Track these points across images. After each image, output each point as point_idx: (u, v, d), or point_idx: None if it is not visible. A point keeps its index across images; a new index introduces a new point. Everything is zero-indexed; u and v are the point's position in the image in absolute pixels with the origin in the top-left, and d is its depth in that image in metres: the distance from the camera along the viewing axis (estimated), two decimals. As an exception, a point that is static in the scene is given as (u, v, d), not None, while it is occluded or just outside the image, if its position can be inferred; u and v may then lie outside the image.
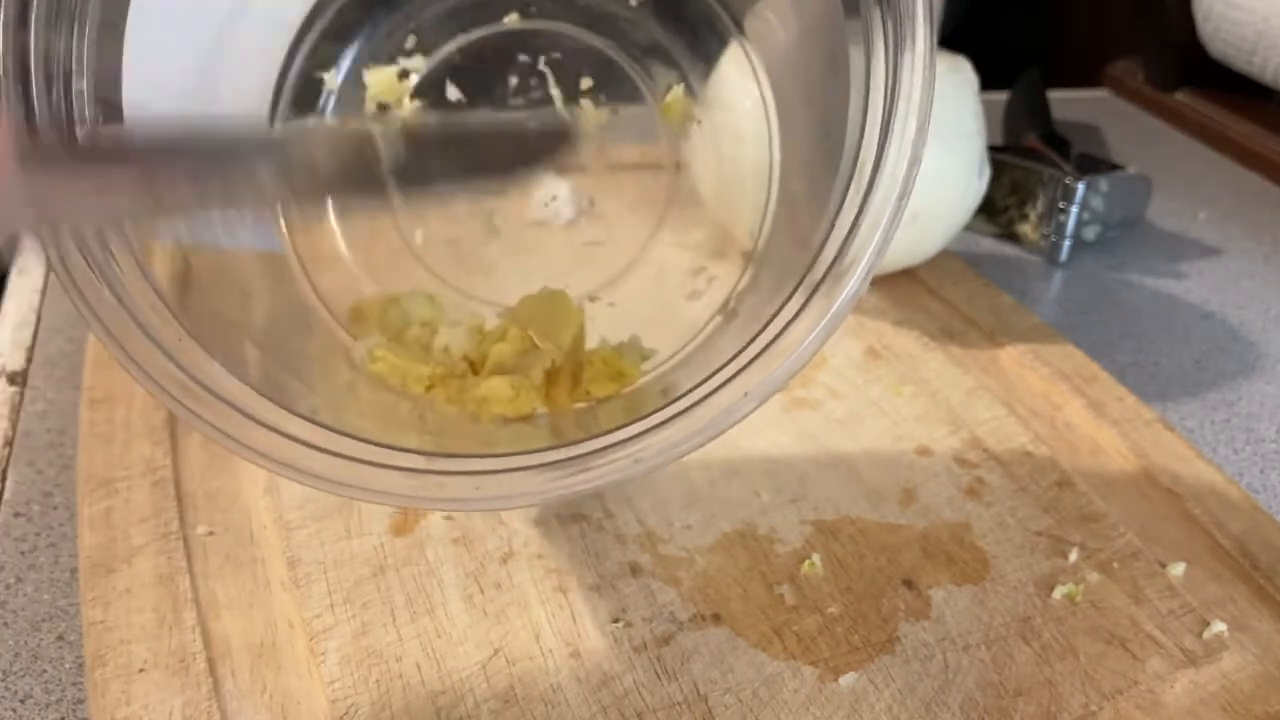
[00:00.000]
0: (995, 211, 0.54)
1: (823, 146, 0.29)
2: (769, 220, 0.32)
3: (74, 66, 0.24)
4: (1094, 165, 0.52)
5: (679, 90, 0.33)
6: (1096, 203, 0.52)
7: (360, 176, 0.27)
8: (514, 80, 0.33)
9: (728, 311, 0.32)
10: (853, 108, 0.25)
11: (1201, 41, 0.67)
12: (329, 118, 0.32)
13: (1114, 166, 0.53)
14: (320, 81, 0.32)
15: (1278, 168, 0.63)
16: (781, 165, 0.32)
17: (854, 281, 0.23)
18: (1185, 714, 0.28)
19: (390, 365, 0.30)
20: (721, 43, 0.33)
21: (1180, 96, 0.71)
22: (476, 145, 0.29)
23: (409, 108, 0.33)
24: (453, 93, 0.33)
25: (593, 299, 0.34)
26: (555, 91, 0.33)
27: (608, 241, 0.34)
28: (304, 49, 0.32)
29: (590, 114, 0.33)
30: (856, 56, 0.25)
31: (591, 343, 0.32)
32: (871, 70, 0.24)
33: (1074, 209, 0.51)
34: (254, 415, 0.23)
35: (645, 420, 0.24)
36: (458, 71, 0.33)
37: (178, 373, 0.23)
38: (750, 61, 0.32)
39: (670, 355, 0.32)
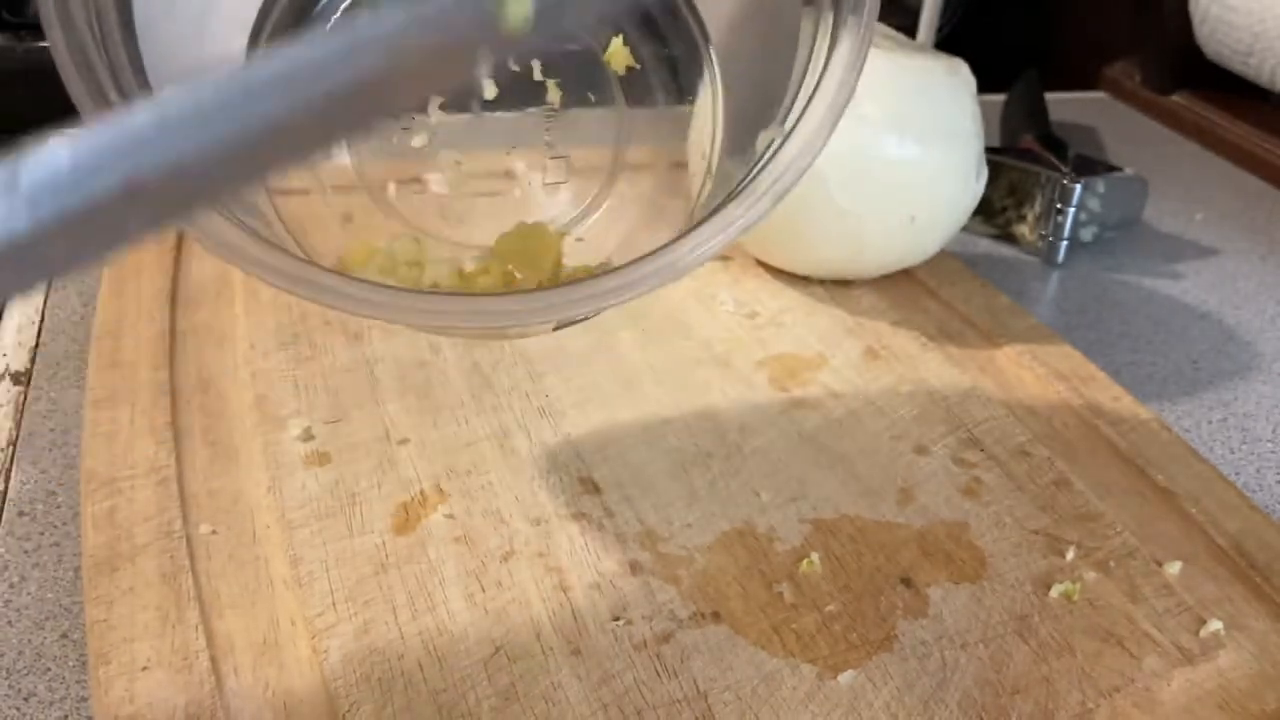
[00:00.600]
0: (993, 212, 0.54)
1: (761, 88, 0.32)
2: (718, 138, 0.34)
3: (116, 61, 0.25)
4: (1091, 166, 0.53)
5: (618, 41, 0.34)
6: (1093, 204, 0.52)
7: None
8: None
9: (692, 222, 0.34)
10: (797, 61, 0.29)
11: (1198, 43, 0.67)
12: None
13: (1111, 168, 0.53)
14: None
15: (1274, 169, 0.63)
16: (724, 98, 0.34)
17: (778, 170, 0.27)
18: (1182, 712, 0.28)
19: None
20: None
21: (1177, 98, 0.71)
22: None
23: None
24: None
25: (562, 236, 0.35)
26: (512, 65, 0.34)
27: (570, 180, 0.35)
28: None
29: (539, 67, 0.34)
30: (806, 22, 0.29)
31: (568, 270, 0.34)
32: (817, 34, 0.28)
33: (1071, 210, 0.51)
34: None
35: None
36: None
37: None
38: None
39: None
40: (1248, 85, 0.66)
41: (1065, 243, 0.52)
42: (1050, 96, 0.65)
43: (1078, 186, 0.51)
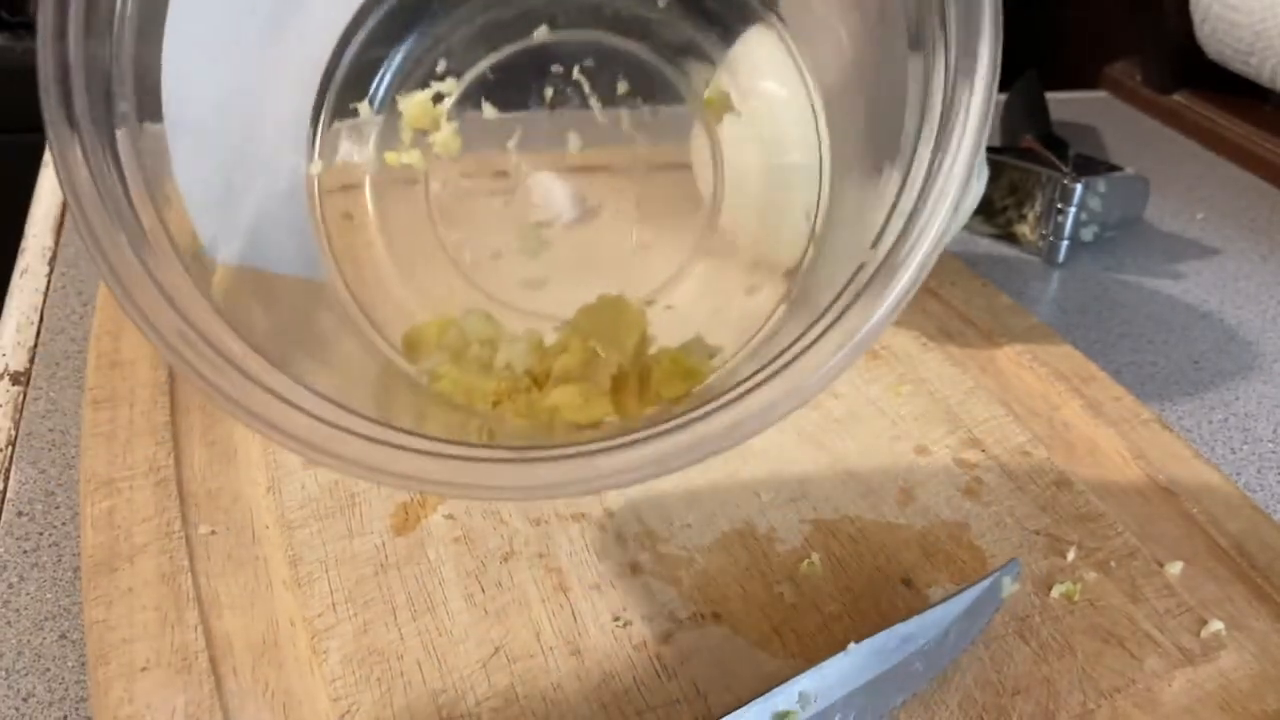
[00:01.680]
0: (993, 212, 0.54)
1: (870, 141, 0.29)
2: (824, 201, 0.31)
3: (114, 73, 0.24)
4: (1092, 166, 0.53)
5: (718, 84, 0.33)
6: (1094, 203, 0.52)
7: None
8: (549, 91, 0.33)
9: (790, 300, 0.32)
10: (909, 112, 0.25)
11: (1199, 43, 0.67)
12: (370, 149, 0.32)
13: (1112, 167, 0.53)
14: (356, 113, 0.32)
15: (1275, 168, 0.63)
16: (830, 150, 0.31)
17: (911, 270, 0.23)
18: (1183, 712, 0.28)
19: (454, 382, 0.30)
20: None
21: (1178, 97, 0.71)
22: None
23: (446, 130, 0.33)
24: (489, 111, 0.33)
25: (650, 303, 0.33)
26: (592, 99, 0.33)
27: (656, 244, 0.34)
28: (336, 81, 0.32)
29: (627, 118, 0.33)
30: (915, 67, 0.25)
31: (654, 349, 0.32)
32: (930, 86, 0.25)
33: (1072, 210, 0.51)
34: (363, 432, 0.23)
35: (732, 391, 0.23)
36: (492, 89, 0.33)
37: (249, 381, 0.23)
38: (788, 46, 0.32)
39: (736, 351, 0.31)
40: (1249, 85, 0.65)
41: (1066, 242, 0.52)
42: (1051, 96, 0.65)
43: (1078, 186, 0.51)
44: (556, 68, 0.33)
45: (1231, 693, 0.29)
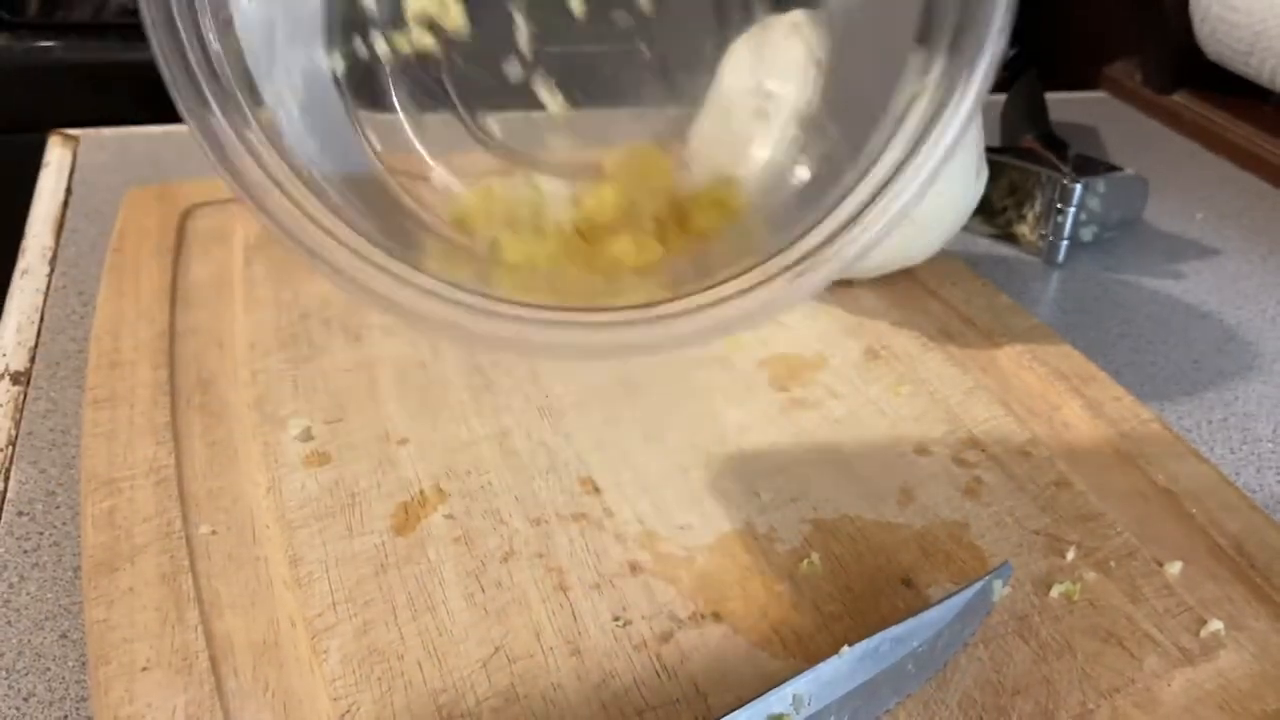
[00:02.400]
0: (993, 212, 0.54)
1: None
2: (823, 41, 0.34)
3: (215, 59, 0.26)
4: (1091, 166, 0.53)
5: None
6: (1094, 203, 0.52)
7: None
8: None
9: (801, 121, 0.34)
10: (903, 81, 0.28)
11: (1199, 43, 0.67)
12: (378, 40, 0.33)
13: (1111, 167, 0.53)
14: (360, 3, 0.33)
15: (1274, 168, 0.63)
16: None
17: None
18: (1182, 712, 0.28)
19: (516, 249, 0.32)
20: None
21: (1177, 98, 0.71)
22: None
23: (453, 9, 0.33)
24: None
25: (669, 143, 0.35)
26: None
27: (671, 85, 0.36)
28: None
29: None
30: (914, 64, 0.28)
31: (682, 188, 0.34)
32: (922, 83, 0.28)
33: (1071, 210, 0.51)
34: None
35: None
36: None
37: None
38: None
39: (755, 177, 0.34)
40: (1248, 85, 0.66)
41: (1066, 242, 0.52)
42: (1050, 96, 0.65)
43: (1078, 186, 0.51)
44: None
45: (1231, 692, 0.29)
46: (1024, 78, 0.65)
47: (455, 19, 0.33)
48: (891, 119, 0.28)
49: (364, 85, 0.33)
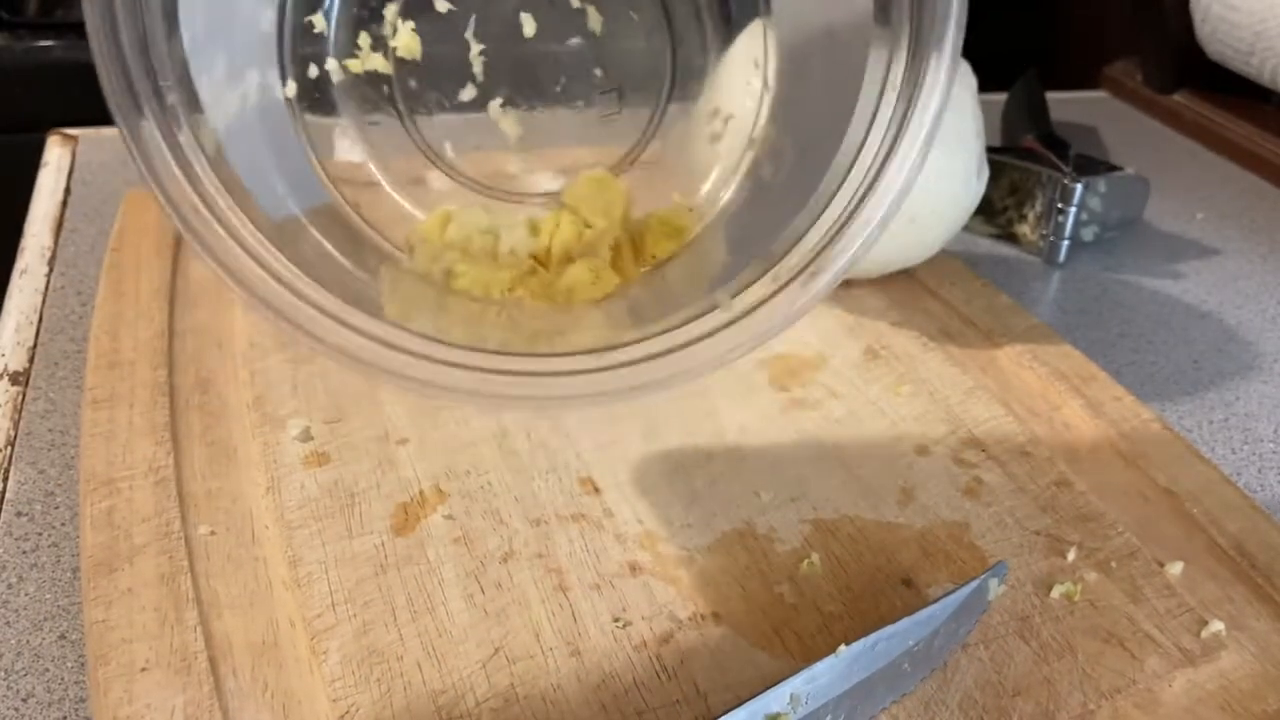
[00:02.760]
0: (993, 212, 0.54)
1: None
2: (771, 53, 0.34)
3: (154, 64, 0.26)
4: (1092, 166, 0.53)
5: None
6: (1094, 203, 0.52)
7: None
8: None
9: (752, 144, 0.34)
10: (865, 91, 0.29)
11: (1199, 43, 0.67)
12: (330, 61, 0.33)
13: (1112, 167, 0.53)
14: (313, 27, 0.33)
15: (1275, 168, 0.63)
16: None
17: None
18: (1183, 713, 0.28)
19: (472, 278, 0.32)
20: None
21: (1178, 97, 0.71)
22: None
23: (402, 30, 0.33)
24: (442, 4, 0.33)
25: (623, 170, 0.35)
26: None
27: (623, 110, 0.36)
28: None
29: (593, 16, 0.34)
30: (877, 55, 0.28)
31: (637, 213, 0.34)
32: (890, 72, 0.28)
33: (1072, 210, 0.51)
34: (440, 356, 0.27)
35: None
36: None
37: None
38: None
39: (713, 202, 0.34)
40: (1249, 85, 0.65)
41: (1066, 242, 0.52)
42: (1051, 96, 0.65)
43: (1078, 186, 0.51)
44: None
45: (1232, 693, 0.28)
46: (1024, 78, 0.65)
47: (408, 43, 0.33)
48: (863, 115, 0.28)
49: (315, 104, 0.34)
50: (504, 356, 0.28)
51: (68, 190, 0.52)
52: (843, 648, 0.27)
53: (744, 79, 0.34)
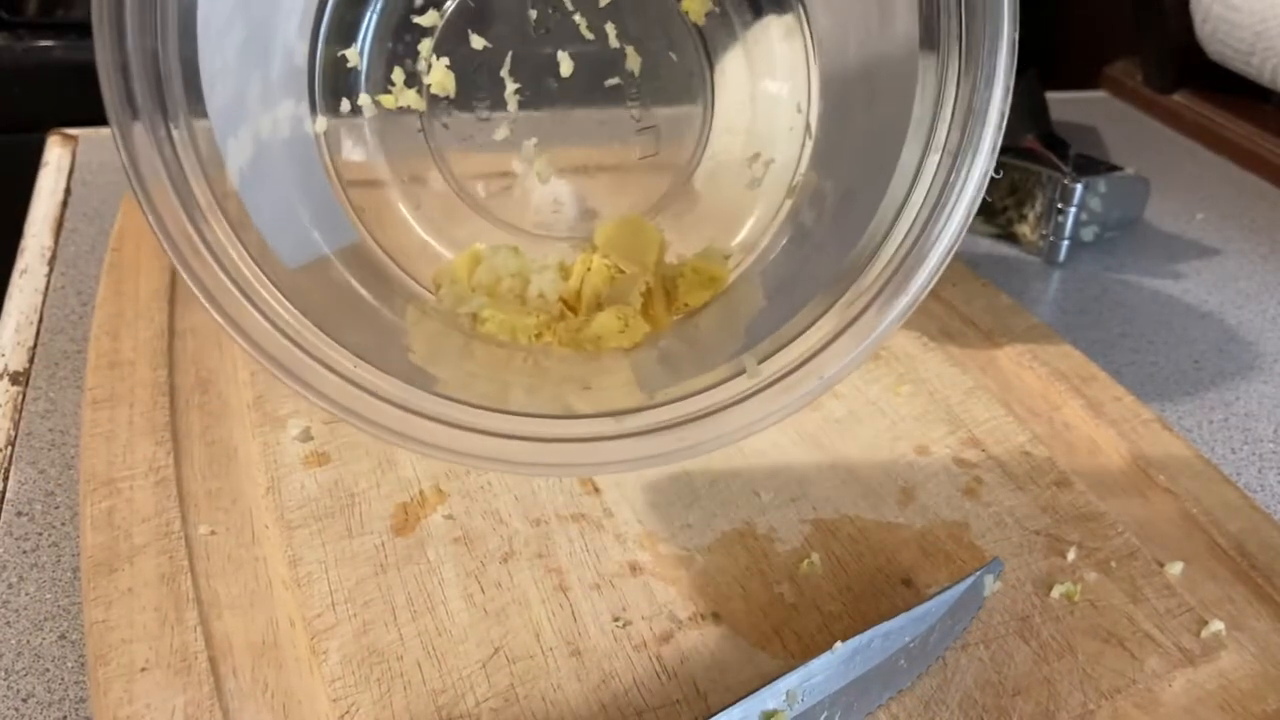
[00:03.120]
0: (994, 212, 0.54)
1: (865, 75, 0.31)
2: (814, 94, 0.33)
3: (163, 69, 0.26)
4: (1092, 166, 0.53)
5: None
6: (1094, 203, 0.52)
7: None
8: (533, 14, 0.33)
9: (792, 191, 0.33)
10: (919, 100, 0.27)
11: (1199, 43, 0.67)
12: (363, 96, 0.33)
13: (1112, 167, 0.53)
14: (346, 61, 0.32)
15: (1275, 168, 0.63)
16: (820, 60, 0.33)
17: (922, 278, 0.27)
18: (1183, 713, 0.28)
19: (499, 322, 0.32)
20: None
21: (1178, 97, 0.71)
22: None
23: (436, 66, 0.33)
24: (477, 41, 0.33)
25: (658, 214, 0.34)
26: (577, 17, 0.33)
27: (660, 153, 0.35)
28: (323, 31, 0.32)
29: (613, 32, 0.33)
30: (924, 96, 0.27)
31: (672, 255, 0.33)
32: (939, 111, 0.27)
33: (1072, 210, 0.51)
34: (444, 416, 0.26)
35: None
36: (475, 18, 0.33)
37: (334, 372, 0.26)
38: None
39: (750, 249, 0.33)
40: (1249, 85, 0.65)
41: (1066, 242, 0.52)
42: (1051, 96, 0.64)
43: (1079, 186, 0.51)
44: None
45: (1232, 693, 0.28)
46: (1024, 78, 0.65)
47: (441, 79, 0.33)
48: (909, 161, 0.27)
49: (344, 140, 0.33)
50: (524, 419, 0.27)
51: (68, 190, 0.52)
52: (839, 644, 0.27)
53: (786, 123, 0.34)
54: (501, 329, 0.32)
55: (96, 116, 0.62)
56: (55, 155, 0.55)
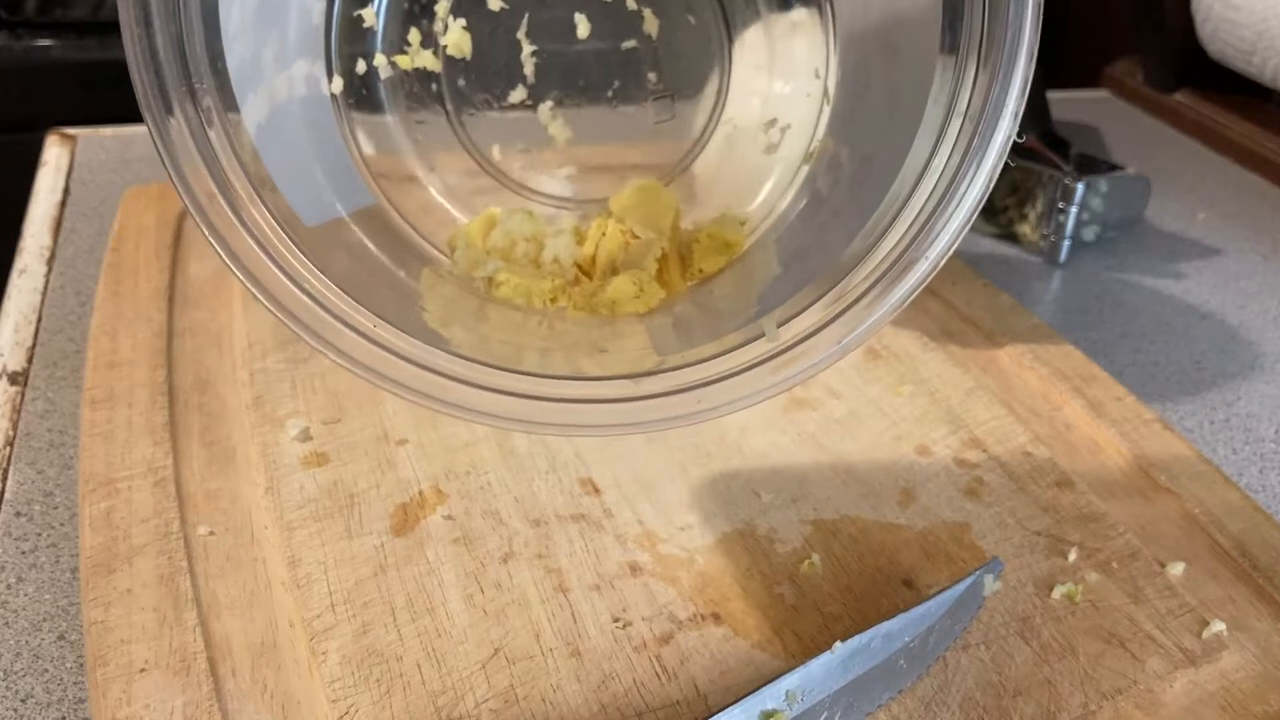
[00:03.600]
0: (994, 212, 0.54)
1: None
2: (833, 60, 0.32)
3: (190, 62, 0.25)
4: (1093, 165, 0.53)
5: None
6: (1095, 203, 0.52)
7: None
8: None
9: (809, 157, 0.33)
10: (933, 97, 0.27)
11: (1200, 42, 0.67)
12: (379, 57, 0.32)
13: (1113, 167, 0.53)
14: (362, 20, 0.32)
15: (1276, 168, 0.63)
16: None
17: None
18: (1184, 713, 0.28)
19: (514, 286, 0.32)
20: None
21: (1179, 97, 0.71)
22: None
23: (453, 27, 0.33)
24: (493, 3, 0.33)
25: (674, 179, 0.34)
26: None
27: (677, 118, 0.35)
28: None
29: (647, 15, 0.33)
30: (943, 76, 0.26)
31: (686, 221, 0.33)
32: (956, 98, 0.26)
33: (1073, 209, 0.51)
34: (461, 376, 0.26)
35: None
36: None
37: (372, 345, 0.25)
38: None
39: (765, 215, 0.33)
40: (1250, 84, 0.65)
41: (1067, 242, 0.52)
42: (1052, 95, 0.64)
43: (1080, 185, 0.51)
44: None
45: (1233, 694, 0.28)
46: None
47: (458, 41, 0.33)
48: (927, 135, 0.27)
49: (360, 102, 0.33)
50: (542, 380, 0.27)
51: (66, 190, 0.52)
52: (838, 644, 0.27)
53: (804, 89, 0.33)
54: (516, 292, 0.32)
55: (95, 116, 0.63)
56: (54, 155, 0.55)
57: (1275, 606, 0.31)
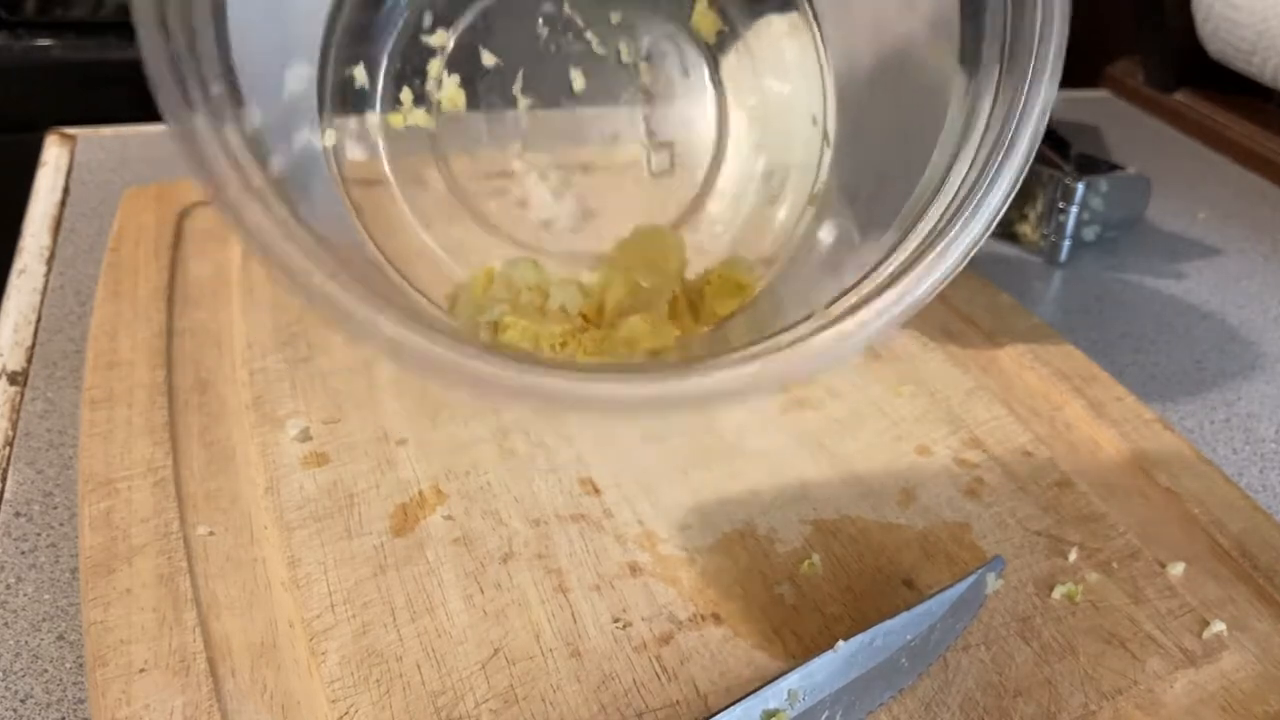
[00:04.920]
0: (995, 211, 0.54)
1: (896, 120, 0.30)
2: (830, 102, 0.32)
3: (203, 63, 0.25)
4: (1093, 165, 0.52)
5: (703, 4, 0.33)
6: (1096, 203, 0.52)
7: None
8: (545, 31, 0.33)
9: (815, 200, 0.33)
10: (951, 114, 0.26)
11: (1201, 42, 0.67)
12: (372, 116, 0.32)
13: (1113, 167, 0.53)
14: (354, 79, 0.32)
15: (1277, 168, 0.63)
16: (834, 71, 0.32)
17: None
18: (1185, 713, 0.28)
19: (521, 330, 0.31)
20: None
21: (1180, 97, 0.71)
22: None
23: (448, 84, 0.33)
24: (488, 58, 0.33)
25: (677, 228, 0.34)
26: (589, 34, 0.33)
27: (676, 168, 0.34)
28: (333, 48, 0.32)
29: (625, 49, 0.33)
30: (957, 104, 0.26)
31: (692, 272, 0.33)
32: (972, 120, 0.26)
33: (1073, 209, 0.51)
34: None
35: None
36: (486, 36, 0.33)
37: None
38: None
39: (774, 261, 0.32)
40: (1251, 84, 0.65)
41: (1068, 242, 0.52)
42: (1052, 95, 0.64)
43: (1080, 185, 0.51)
44: (548, 6, 0.33)
45: (1233, 694, 0.28)
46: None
47: (452, 96, 0.33)
48: (939, 163, 0.26)
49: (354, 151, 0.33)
50: (580, 368, 0.26)
51: (66, 190, 0.52)
52: (840, 643, 0.27)
53: (802, 136, 0.33)
54: (524, 336, 0.31)
55: (95, 116, 0.63)
56: (54, 154, 0.55)
57: (1275, 606, 0.31)
